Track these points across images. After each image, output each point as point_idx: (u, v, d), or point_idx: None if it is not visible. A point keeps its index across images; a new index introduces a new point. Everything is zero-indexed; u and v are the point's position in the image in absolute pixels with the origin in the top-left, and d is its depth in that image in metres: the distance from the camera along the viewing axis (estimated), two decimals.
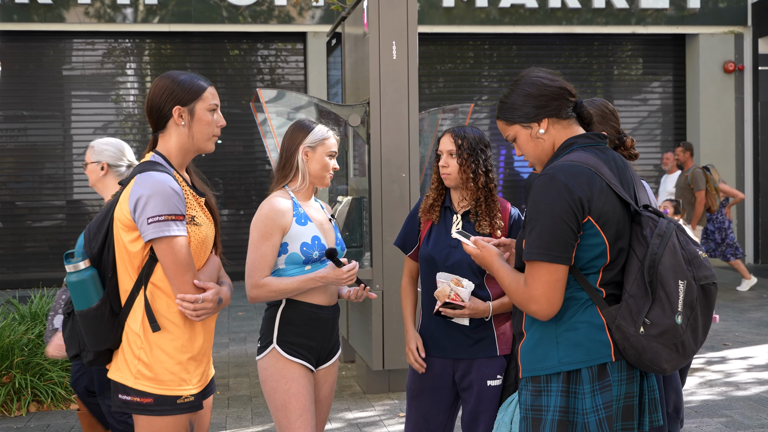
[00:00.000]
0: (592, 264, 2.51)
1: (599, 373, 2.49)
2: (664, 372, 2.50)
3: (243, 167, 13.01)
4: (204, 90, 2.85)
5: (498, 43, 13.67)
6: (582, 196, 2.46)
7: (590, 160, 2.54)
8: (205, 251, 2.88)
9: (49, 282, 11.06)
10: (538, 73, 2.67)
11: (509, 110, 2.66)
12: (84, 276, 2.74)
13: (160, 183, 2.68)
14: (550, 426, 2.51)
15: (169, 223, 2.67)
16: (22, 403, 5.92)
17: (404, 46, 6.03)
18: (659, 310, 2.44)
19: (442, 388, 3.45)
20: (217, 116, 2.89)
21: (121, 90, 12.79)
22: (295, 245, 3.37)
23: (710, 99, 13.58)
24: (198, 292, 2.77)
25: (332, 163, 3.51)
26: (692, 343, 2.50)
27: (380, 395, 6.27)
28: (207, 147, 2.89)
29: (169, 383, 2.75)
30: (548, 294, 2.48)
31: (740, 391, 6.28)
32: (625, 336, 2.46)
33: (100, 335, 2.76)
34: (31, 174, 12.57)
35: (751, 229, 13.71)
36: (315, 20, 12.76)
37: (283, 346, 3.39)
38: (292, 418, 3.34)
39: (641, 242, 2.51)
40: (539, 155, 2.67)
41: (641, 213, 2.55)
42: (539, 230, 2.47)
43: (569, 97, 2.65)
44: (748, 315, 9.36)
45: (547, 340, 2.55)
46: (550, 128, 2.63)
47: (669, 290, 2.44)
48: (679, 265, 2.46)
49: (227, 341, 8.36)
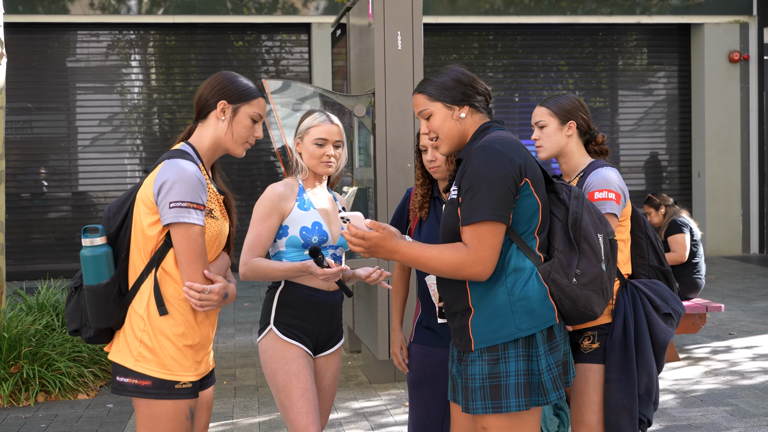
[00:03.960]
0: (528, 225, 2.72)
1: (548, 335, 2.72)
2: (596, 315, 2.78)
3: (248, 158, 13.01)
4: (254, 98, 2.95)
5: (503, 33, 13.64)
6: (520, 162, 2.69)
7: (511, 136, 2.80)
8: (218, 246, 2.93)
9: (55, 273, 11.09)
10: (468, 70, 2.91)
11: (438, 88, 2.83)
12: (99, 252, 2.78)
13: (187, 170, 2.74)
14: (515, 389, 2.68)
15: (190, 210, 2.72)
16: (30, 393, 5.95)
17: (409, 37, 6.04)
18: (586, 261, 2.74)
19: (442, 377, 3.47)
20: (258, 127, 2.96)
21: (126, 82, 12.80)
22: (295, 229, 3.42)
23: (715, 89, 13.55)
24: (207, 282, 2.80)
25: (324, 150, 3.49)
26: (610, 288, 2.81)
27: (386, 385, 6.30)
28: (237, 150, 2.96)
29: (169, 367, 2.79)
30: (493, 255, 2.66)
31: (745, 380, 6.30)
32: (560, 287, 2.71)
33: (103, 313, 2.80)
34: (37, 166, 12.59)
35: (756, 219, 13.69)
36: (319, 11, 12.75)
37: (280, 327, 3.43)
38: (294, 398, 3.36)
39: (559, 205, 2.81)
40: (451, 136, 2.84)
41: (554, 181, 2.84)
42: (484, 193, 2.64)
43: (488, 99, 2.90)
44: (754, 304, 9.36)
45: (503, 310, 2.69)
46: (468, 116, 2.84)
47: (592, 242, 2.76)
48: (595, 221, 2.81)
49: (233, 332, 8.39)
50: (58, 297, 7.02)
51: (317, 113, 3.56)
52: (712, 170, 13.57)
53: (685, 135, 13.99)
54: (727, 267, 12.30)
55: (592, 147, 3.48)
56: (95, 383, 6.26)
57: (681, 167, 14.03)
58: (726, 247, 13.59)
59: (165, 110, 12.85)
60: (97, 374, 6.32)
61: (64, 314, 3.14)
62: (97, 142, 12.67)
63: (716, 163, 13.58)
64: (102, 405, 5.95)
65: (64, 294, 7.16)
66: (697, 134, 13.80)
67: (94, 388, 6.21)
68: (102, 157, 12.61)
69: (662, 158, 14.07)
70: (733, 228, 13.62)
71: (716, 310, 6.85)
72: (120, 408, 5.84)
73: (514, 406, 2.68)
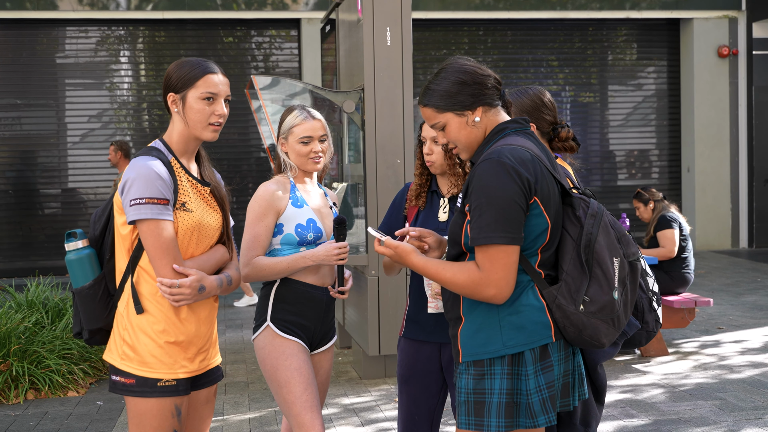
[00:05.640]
0: (532, 244, 2.54)
1: (541, 354, 2.54)
2: (603, 346, 2.58)
3: (238, 154, 13.00)
4: (198, 78, 2.84)
5: (492, 28, 13.65)
6: (529, 178, 2.49)
7: (526, 143, 2.58)
8: (199, 239, 2.89)
9: (45, 270, 11.05)
10: (468, 62, 2.66)
11: (442, 98, 2.62)
12: (81, 255, 2.84)
13: (146, 167, 2.74)
14: (496, 408, 2.53)
15: (150, 206, 2.72)
16: (19, 391, 5.94)
17: (398, 32, 6.03)
18: (597, 287, 2.52)
19: (431, 372, 3.46)
20: (216, 105, 2.85)
21: (115, 78, 12.76)
22: (290, 226, 3.42)
23: (704, 84, 13.59)
24: (177, 277, 2.77)
25: (311, 147, 3.49)
26: (624, 317, 2.59)
27: (376, 380, 6.30)
28: (203, 135, 2.88)
29: (150, 365, 2.79)
30: (507, 277, 2.49)
31: (734, 374, 6.32)
32: (566, 314, 2.52)
33: (92, 314, 2.85)
34: (26, 163, 12.55)
35: (746, 213, 13.75)
36: (309, 7, 12.74)
37: (277, 323, 3.43)
38: (297, 393, 3.35)
39: (574, 222, 2.58)
40: (471, 142, 2.66)
41: (572, 194, 2.61)
42: (494, 213, 2.46)
43: (498, 86, 2.67)
44: (743, 299, 9.40)
45: (490, 324, 2.56)
46: (483, 116, 2.63)
47: (605, 268, 2.52)
48: (612, 244, 2.56)
49: (223, 328, 8.38)
50: (47, 294, 7.00)
51: (297, 110, 3.53)
52: (702, 165, 13.61)
53: (674, 130, 14.04)
54: (716, 261, 12.34)
55: (556, 144, 3.24)
56: (85, 380, 6.25)
57: (670, 162, 14.07)
58: (715, 242, 13.64)
59: (155, 106, 12.81)
60: (87, 371, 6.31)
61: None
62: (87, 139, 12.63)
63: (705, 158, 13.63)
64: (92, 402, 5.94)
65: (53, 291, 7.14)
66: (686, 129, 13.84)
67: (84, 386, 6.20)
68: (91, 153, 12.56)
69: (652, 153, 14.11)
70: (723, 222, 13.68)
71: (705, 304, 6.88)
72: (110, 405, 5.83)
73: (495, 427, 2.53)
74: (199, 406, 3.01)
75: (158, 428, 2.81)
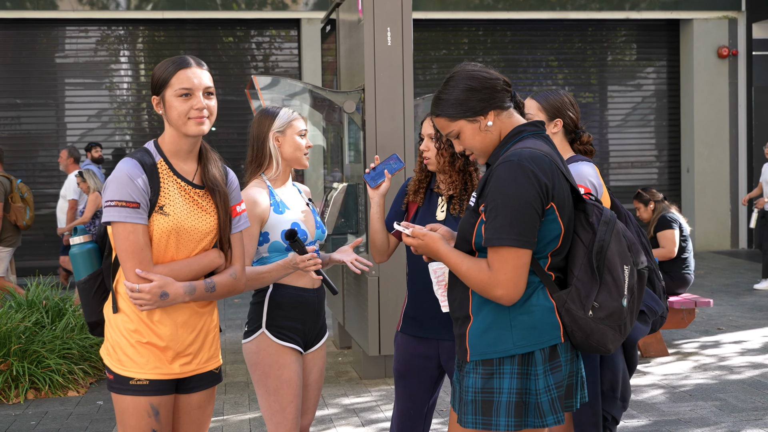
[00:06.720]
0: (544, 248, 2.56)
1: (551, 354, 2.57)
2: (609, 352, 2.61)
3: (238, 154, 12.99)
4: (171, 76, 2.79)
5: (492, 29, 13.66)
6: (548, 183, 2.51)
7: (544, 147, 2.59)
8: (179, 243, 2.83)
9: (45, 270, 11.05)
10: (474, 67, 2.68)
11: (453, 106, 2.64)
12: (82, 249, 2.92)
13: (120, 170, 2.78)
14: (506, 408, 2.54)
15: (119, 209, 2.74)
16: (19, 391, 5.93)
17: (399, 32, 6.04)
18: (607, 294, 2.55)
19: (428, 368, 3.48)
20: (193, 100, 2.79)
21: (115, 78, 12.76)
22: (275, 233, 3.42)
23: (704, 84, 13.60)
24: (139, 281, 2.74)
25: (305, 142, 3.54)
26: (629, 324, 2.62)
27: (376, 380, 6.30)
28: (187, 131, 2.81)
29: (123, 363, 2.83)
30: (516, 279, 2.50)
31: (734, 374, 6.33)
32: (574, 319, 2.55)
33: (87, 307, 2.95)
34: (26, 162, 12.54)
35: (745, 214, 13.75)
36: (309, 7, 12.74)
37: (273, 330, 3.44)
38: (284, 403, 3.43)
39: (587, 229, 2.61)
40: (486, 147, 2.67)
41: (586, 201, 2.63)
42: (509, 215, 2.48)
43: (507, 88, 2.68)
44: (742, 299, 9.41)
45: (501, 323, 2.57)
46: (496, 119, 2.65)
47: (616, 275, 2.56)
48: (623, 252, 2.59)
49: (223, 328, 8.38)
50: (47, 294, 6.99)
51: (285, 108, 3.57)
52: (701, 165, 13.62)
53: (674, 130, 14.05)
54: (715, 262, 12.35)
55: (577, 146, 3.44)
56: (85, 380, 6.25)
57: (670, 162, 14.08)
58: (715, 242, 13.65)
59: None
60: (87, 371, 6.31)
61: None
62: (86, 138, 12.62)
63: (705, 158, 13.63)
64: (92, 402, 5.94)
65: (53, 291, 7.14)
66: (686, 129, 13.85)
67: (84, 385, 6.20)
68: None
69: (651, 153, 14.12)
70: (722, 223, 13.68)
71: (705, 305, 6.88)
72: (110, 405, 5.83)
73: (504, 425, 2.54)
74: (191, 410, 2.98)
75: (136, 426, 2.84)
